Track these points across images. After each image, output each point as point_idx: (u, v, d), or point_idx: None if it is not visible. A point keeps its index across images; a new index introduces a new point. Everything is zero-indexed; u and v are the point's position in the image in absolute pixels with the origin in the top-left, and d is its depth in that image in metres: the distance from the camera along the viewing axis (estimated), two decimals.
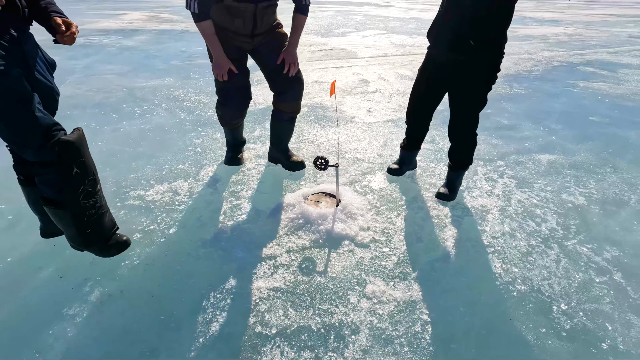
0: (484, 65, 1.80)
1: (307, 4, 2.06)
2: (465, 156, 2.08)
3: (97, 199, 1.47)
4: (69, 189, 1.37)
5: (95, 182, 1.47)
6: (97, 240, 1.53)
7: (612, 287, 1.55)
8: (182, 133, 3.00)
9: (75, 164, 1.36)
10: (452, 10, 1.80)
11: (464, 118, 1.97)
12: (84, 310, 1.39)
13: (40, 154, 1.31)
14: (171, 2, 19.50)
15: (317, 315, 1.39)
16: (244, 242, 1.76)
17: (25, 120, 1.24)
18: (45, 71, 1.41)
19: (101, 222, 1.52)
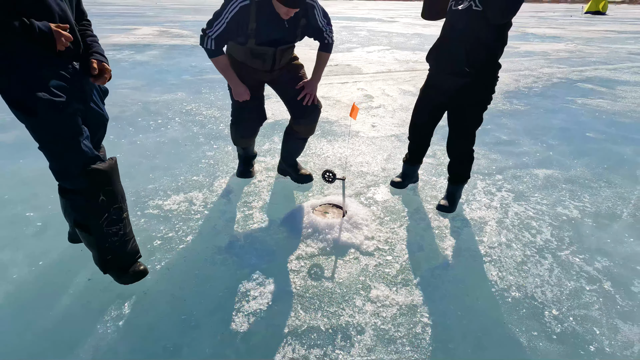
0: (479, 88, 1.95)
1: (331, 42, 2.19)
2: (463, 171, 2.21)
3: (121, 226, 1.52)
4: (93, 215, 1.44)
5: (121, 211, 1.51)
6: (115, 267, 1.58)
7: (602, 294, 1.66)
8: (195, 146, 3.16)
9: (102, 191, 1.43)
10: (448, 37, 1.97)
11: (461, 135, 2.11)
12: (111, 310, 1.52)
13: (74, 183, 1.39)
14: (180, 17, 20.06)
15: (325, 316, 1.50)
16: (256, 249, 1.89)
17: (70, 154, 1.34)
18: (98, 99, 1.53)
19: (123, 249, 1.56)
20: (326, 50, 2.20)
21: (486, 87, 1.96)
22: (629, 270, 1.81)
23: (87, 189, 1.40)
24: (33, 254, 1.82)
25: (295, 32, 2.05)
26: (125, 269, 1.61)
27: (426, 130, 2.31)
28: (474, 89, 1.96)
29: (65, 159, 1.35)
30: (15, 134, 3.30)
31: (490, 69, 1.92)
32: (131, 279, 1.62)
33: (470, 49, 1.86)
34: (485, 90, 1.97)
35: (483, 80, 1.94)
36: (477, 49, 1.85)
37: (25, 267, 1.74)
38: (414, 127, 2.35)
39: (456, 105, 2.06)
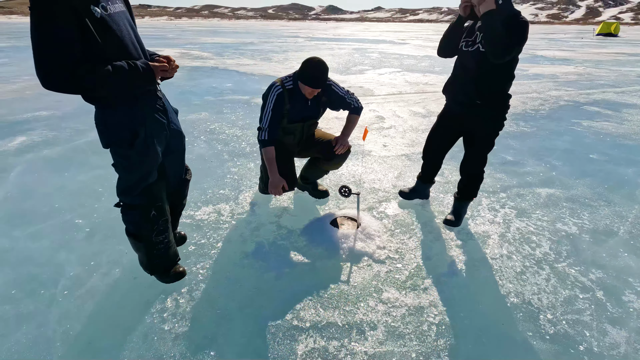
0: (490, 117, 2.15)
1: (358, 106, 2.50)
2: (471, 189, 2.41)
3: (166, 235, 1.75)
4: (145, 227, 1.68)
5: (167, 222, 1.74)
6: (160, 268, 1.82)
7: (594, 302, 1.82)
8: (220, 162, 3.45)
9: (154, 207, 1.66)
10: (460, 75, 2.19)
11: (474, 158, 2.31)
12: (156, 304, 1.75)
13: (134, 199, 1.64)
14: (199, 39, 21.02)
15: (342, 314, 1.70)
16: (279, 255, 2.11)
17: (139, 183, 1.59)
18: (176, 119, 1.76)
19: (167, 254, 1.79)
20: (355, 113, 2.51)
21: (497, 116, 2.14)
22: (621, 281, 1.97)
23: (142, 204, 1.63)
24: (85, 255, 2.08)
25: (318, 109, 2.44)
26: (167, 270, 1.86)
27: (438, 154, 2.55)
28: (486, 119, 2.15)
29: (132, 182, 1.59)
30: (59, 150, 3.65)
31: (500, 101, 2.10)
32: (173, 278, 1.87)
33: (480, 85, 2.06)
34: (496, 119, 2.15)
35: (494, 110, 2.12)
36: (486, 85, 2.05)
37: (79, 266, 2.00)
38: (428, 150, 2.58)
39: (470, 133, 2.26)
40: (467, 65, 2.12)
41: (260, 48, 15.94)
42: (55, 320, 1.65)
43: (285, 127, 2.37)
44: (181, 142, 1.81)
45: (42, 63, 1.23)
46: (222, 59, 11.60)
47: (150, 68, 1.43)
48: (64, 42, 1.22)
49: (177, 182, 1.88)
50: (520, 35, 1.86)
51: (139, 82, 1.42)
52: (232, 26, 57.77)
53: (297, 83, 2.28)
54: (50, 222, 2.42)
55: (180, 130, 1.79)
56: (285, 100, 2.27)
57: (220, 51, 14.29)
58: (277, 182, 2.33)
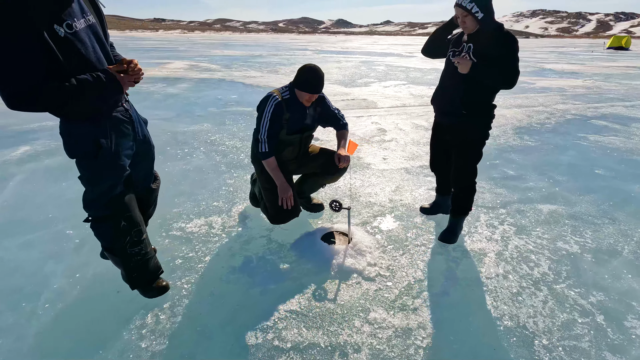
0: (475, 127, 2.17)
1: (346, 123, 2.55)
2: (464, 203, 2.36)
3: (142, 247, 1.70)
4: (118, 240, 1.64)
5: (141, 233, 1.68)
6: (141, 282, 1.76)
7: (593, 327, 1.72)
8: (217, 174, 3.44)
9: (123, 218, 1.61)
10: (447, 84, 2.24)
11: (463, 169, 2.29)
12: (136, 319, 1.71)
13: (98, 211, 1.61)
14: (209, 52, 21.45)
15: (325, 334, 1.64)
16: (267, 271, 2.06)
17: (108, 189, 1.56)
18: (145, 129, 1.76)
19: (146, 267, 1.73)
20: (344, 128, 2.54)
21: (482, 126, 2.17)
22: (623, 305, 1.87)
23: (110, 216, 1.60)
24: (72, 266, 2.06)
25: (314, 120, 2.44)
26: (149, 283, 1.81)
27: (440, 163, 2.55)
28: (471, 129, 2.18)
29: (97, 193, 1.56)
30: (60, 159, 3.69)
31: (484, 111, 2.15)
32: (155, 293, 1.82)
33: (465, 95, 2.10)
34: (481, 129, 2.18)
35: (479, 120, 2.16)
36: (472, 95, 2.10)
37: (65, 278, 1.98)
38: (432, 162, 2.61)
39: (457, 143, 2.27)
40: (453, 75, 2.14)
41: (268, 60, 16.15)
42: (33, 334, 1.62)
43: (283, 139, 2.34)
44: (149, 151, 1.79)
45: (6, 83, 1.21)
46: (230, 71, 11.77)
47: (115, 78, 1.42)
48: (28, 62, 1.21)
49: (143, 190, 1.85)
50: (514, 54, 1.95)
51: (107, 92, 1.41)
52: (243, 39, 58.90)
53: (294, 92, 2.26)
54: (42, 232, 2.41)
55: (148, 140, 1.78)
56: (284, 110, 2.25)
57: (228, 63, 14.52)
58: (286, 187, 2.29)
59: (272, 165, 2.28)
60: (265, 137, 2.23)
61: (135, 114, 1.67)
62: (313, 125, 2.46)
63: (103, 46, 1.47)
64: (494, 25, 2.01)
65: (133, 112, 1.65)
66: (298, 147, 2.44)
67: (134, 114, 1.66)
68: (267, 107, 2.23)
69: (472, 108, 2.12)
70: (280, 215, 2.38)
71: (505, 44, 1.97)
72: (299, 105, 2.29)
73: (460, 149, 2.26)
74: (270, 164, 2.28)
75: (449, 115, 2.25)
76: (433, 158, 2.57)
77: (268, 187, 2.37)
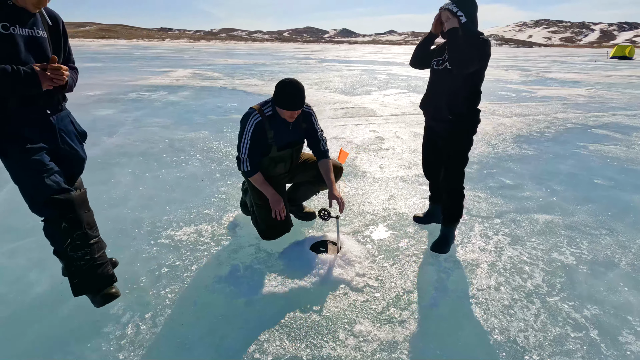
0: (461, 132, 2.21)
1: (327, 149, 2.44)
2: (454, 210, 2.33)
3: (87, 251, 1.62)
4: (58, 241, 1.62)
5: (86, 237, 1.62)
6: (85, 289, 1.69)
7: (587, 342, 1.66)
8: (211, 181, 3.42)
9: (64, 219, 1.57)
10: (433, 91, 2.29)
11: (450, 173, 2.30)
12: (115, 330, 1.67)
13: (42, 212, 1.60)
14: (213, 60, 21.67)
15: (308, 347, 1.59)
16: (253, 280, 2.03)
17: (35, 188, 1.55)
18: (75, 141, 1.75)
19: (90, 274, 1.65)
20: (327, 157, 2.43)
21: (467, 131, 2.21)
22: (619, 319, 1.81)
23: (49, 218, 1.59)
24: (56, 275, 2.03)
25: (301, 134, 2.39)
26: (97, 291, 1.72)
27: (431, 167, 2.54)
28: (457, 133, 2.22)
29: (31, 192, 1.56)
30: None
31: (470, 116, 2.20)
32: (101, 301, 1.72)
33: (450, 101, 2.16)
34: (466, 133, 2.22)
35: (464, 125, 2.20)
36: (456, 101, 2.16)
37: (47, 286, 1.95)
38: (424, 166, 2.62)
39: (444, 148, 2.30)
40: (437, 83, 2.25)
41: (271, 69, 16.28)
42: (6, 345, 1.59)
43: (274, 156, 2.30)
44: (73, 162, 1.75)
45: None
46: (232, 80, 11.86)
47: (35, 72, 1.45)
48: None
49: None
50: (481, 50, 2.01)
51: (21, 85, 1.43)
52: (247, 48, 59.55)
53: (275, 108, 2.21)
54: (30, 239, 2.40)
55: (77, 153, 1.75)
56: (265, 128, 2.20)
57: (231, 72, 14.65)
58: (277, 199, 2.26)
59: (259, 180, 2.26)
60: (246, 157, 2.20)
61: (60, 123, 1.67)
62: (300, 139, 2.41)
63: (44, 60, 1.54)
64: (474, 31, 2.07)
65: (55, 120, 1.64)
66: (290, 161, 2.41)
67: (61, 123, 1.67)
68: (247, 126, 2.18)
69: (457, 114, 2.16)
70: (271, 231, 2.36)
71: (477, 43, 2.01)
72: (282, 121, 2.23)
73: (447, 153, 2.28)
74: (256, 180, 2.25)
75: (436, 121, 2.31)
76: (425, 162, 2.59)
77: (260, 203, 2.34)
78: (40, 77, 1.46)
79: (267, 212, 2.31)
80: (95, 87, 9.38)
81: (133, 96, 8.18)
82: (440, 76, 2.22)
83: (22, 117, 1.54)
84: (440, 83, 2.23)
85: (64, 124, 1.69)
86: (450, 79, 2.14)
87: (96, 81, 10.71)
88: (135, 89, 9.23)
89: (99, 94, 8.42)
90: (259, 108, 2.22)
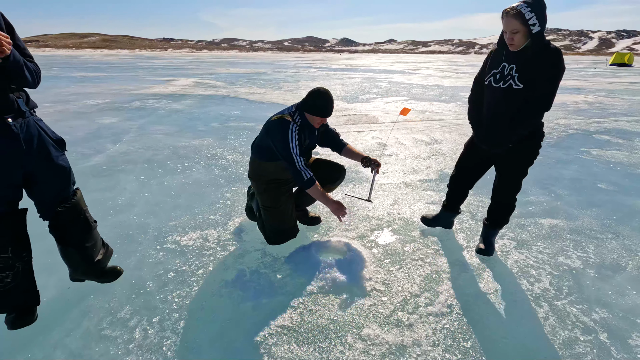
0: (524, 152, 2.04)
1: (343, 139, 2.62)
2: (501, 217, 2.29)
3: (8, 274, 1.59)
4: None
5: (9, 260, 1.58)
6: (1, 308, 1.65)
7: (596, 346, 1.65)
8: (215, 187, 3.44)
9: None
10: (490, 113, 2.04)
11: (506, 186, 2.19)
12: (124, 334, 1.67)
13: None
14: (215, 70, 21.87)
15: (316, 351, 1.59)
16: (259, 285, 2.03)
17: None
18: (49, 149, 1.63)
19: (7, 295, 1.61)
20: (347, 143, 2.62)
21: (531, 149, 2.03)
22: (628, 322, 1.80)
23: None
24: (63, 279, 2.04)
25: (318, 137, 2.48)
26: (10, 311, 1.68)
27: (468, 183, 2.42)
28: (519, 154, 2.04)
29: None
30: None
31: (531, 140, 1.99)
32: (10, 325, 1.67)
33: (515, 125, 1.91)
34: (530, 152, 2.04)
35: (524, 148, 2.02)
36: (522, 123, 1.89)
37: (56, 291, 1.96)
38: (457, 179, 2.43)
39: (502, 164, 2.15)
40: (497, 103, 1.97)
41: (273, 78, 16.42)
42: (13, 350, 1.59)
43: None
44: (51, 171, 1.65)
45: None
46: (234, 88, 11.96)
47: None
48: None
49: (52, 212, 1.73)
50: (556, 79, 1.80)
51: None
52: (249, 57, 60.14)
53: (304, 115, 2.25)
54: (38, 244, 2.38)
55: (54, 163, 1.65)
56: (303, 137, 2.25)
57: (233, 80, 14.78)
58: (339, 204, 2.28)
59: (320, 190, 2.24)
60: (302, 165, 2.17)
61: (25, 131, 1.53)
62: (316, 144, 2.50)
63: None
64: (544, 41, 1.78)
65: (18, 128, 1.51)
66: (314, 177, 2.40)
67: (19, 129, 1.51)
68: (291, 133, 2.16)
69: (516, 140, 1.97)
70: (278, 236, 2.38)
71: (553, 66, 1.77)
72: (311, 128, 2.31)
73: (506, 169, 2.13)
74: (317, 189, 2.23)
75: (495, 146, 2.06)
76: (461, 173, 2.37)
77: (268, 206, 2.35)
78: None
79: (275, 217, 2.34)
80: (99, 96, 9.47)
81: (137, 104, 8.25)
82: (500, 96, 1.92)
83: None
84: (500, 104, 1.93)
85: (30, 131, 1.55)
86: (515, 99, 1.86)
87: (100, 90, 10.82)
88: (138, 98, 9.31)
89: (103, 102, 8.50)
90: (292, 118, 2.22)
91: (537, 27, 1.73)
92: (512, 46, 1.84)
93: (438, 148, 4.93)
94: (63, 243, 1.80)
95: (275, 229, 2.36)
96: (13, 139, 1.49)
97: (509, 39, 1.82)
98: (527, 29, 1.74)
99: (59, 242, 1.80)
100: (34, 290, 1.72)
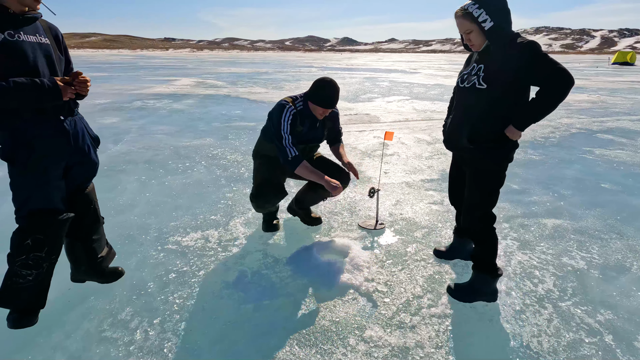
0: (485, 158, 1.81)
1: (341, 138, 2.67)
2: (480, 254, 1.91)
3: (32, 273, 1.60)
4: (14, 252, 1.60)
5: (40, 260, 1.60)
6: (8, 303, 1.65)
7: (601, 348, 1.63)
8: (216, 187, 3.42)
9: (31, 237, 1.57)
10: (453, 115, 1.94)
11: (466, 201, 1.91)
12: (124, 336, 1.66)
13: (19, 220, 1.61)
14: (216, 69, 21.87)
15: (318, 353, 1.57)
16: (260, 286, 2.01)
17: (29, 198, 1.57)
18: (89, 145, 1.76)
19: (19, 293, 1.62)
20: (340, 142, 2.65)
21: (493, 157, 1.81)
22: (633, 324, 1.77)
23: (22, 228, 1.60)
24: (64, 280, 2.03)
25: (323, 133, 2.47)
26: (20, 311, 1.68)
27: (456, 194, 2.14)
28: (481, 160, 1.83)
29: (21, 201, 1.59)
30: None
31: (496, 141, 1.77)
32: (16, 323, 1.67)
33: (474, 125, 1.77)
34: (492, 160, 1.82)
35: (489, 151, 1.79)
36: (481, 125, 1.75)
37: (57, 292, 1.94)
38: (450, 194, 2.21)
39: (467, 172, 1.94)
40: (458, 104, 1.88)
41: (274, 77, 16.41)
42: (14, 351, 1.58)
43: None
44: (85, 165, 1.77)
45: None
46: (235, 88, 11.96)
47: (56, 84, 1.49)
48: None
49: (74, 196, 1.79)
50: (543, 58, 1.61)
51: (45, 97, 1.48)
52: (250, 57, 60.14)
53: (307, 104, 2.26)
54: None
55: (89, 157, 1.77)
56: (297, 121, 2.25)
57: (234, 80, 14.78)
58: (334, 182, 2.22)
59: (309, 168, 2.22)
60: (289, 143, 2.18)
61: (78, 129, 1.70)
62: (320, 138, 2.48)
63: (51, 64, 1.59)
64: (506, 36, 1.66)
65: (69, 125, 1.65)
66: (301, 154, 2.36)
67: (73, 128, 1.67)
68: (285, 115, 2.20)
69: (480, 140, 1.77)
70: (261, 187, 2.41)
71: (523, 52, 1.61)
72: (312, 117, 2.30)
73: (468, 179, 1.91)
74: (305, 168, 2.20)
75: (456, 149, 1.95)
76: (450, 186, 2.19)
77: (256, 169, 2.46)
78: (62, 91, 1.51)
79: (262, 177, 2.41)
80: (100, 96, 9.47)
81: (138, 104, 8.25)
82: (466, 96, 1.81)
83: (35, 125, 1.55)
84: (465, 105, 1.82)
85: (77, 128, 1.71)
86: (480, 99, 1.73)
87: (101, 90, 10.82)
88: (140, 98, 9.31)
89: (104, 102, 8.51)
90: (292, 101, 2.25)
91: (489, 23, 1.64)
92: (473, 46, 1.78)
93: (440, 147, 4.91)
94: (71, 236, 1.83)
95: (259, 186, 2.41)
96: (65, 136, 1.63)
97: (466, 40, 1.77)
98: (478, 26, 1.67)
99: (67, 234, 1.81)
100: (45, 294, 1.73)
